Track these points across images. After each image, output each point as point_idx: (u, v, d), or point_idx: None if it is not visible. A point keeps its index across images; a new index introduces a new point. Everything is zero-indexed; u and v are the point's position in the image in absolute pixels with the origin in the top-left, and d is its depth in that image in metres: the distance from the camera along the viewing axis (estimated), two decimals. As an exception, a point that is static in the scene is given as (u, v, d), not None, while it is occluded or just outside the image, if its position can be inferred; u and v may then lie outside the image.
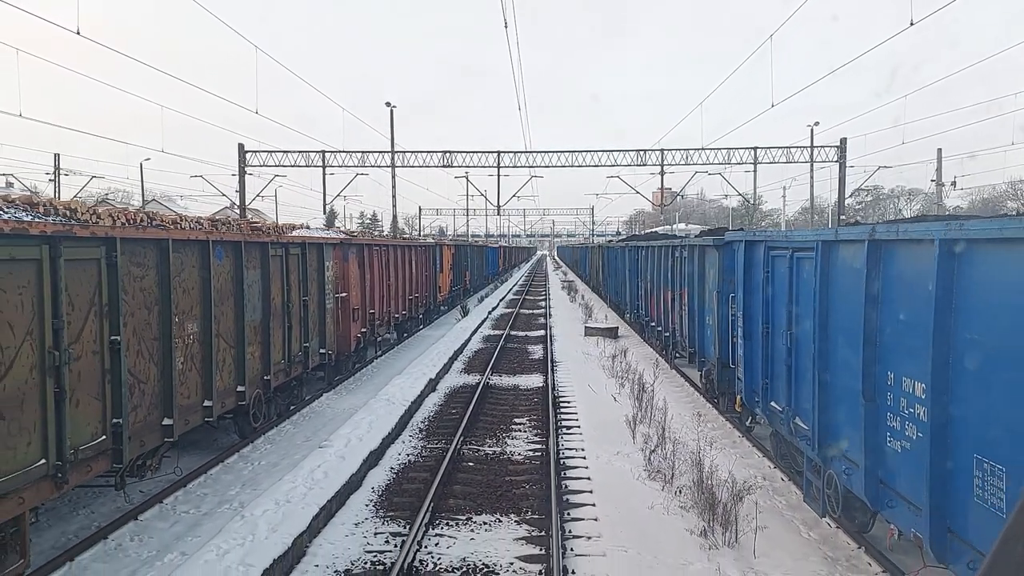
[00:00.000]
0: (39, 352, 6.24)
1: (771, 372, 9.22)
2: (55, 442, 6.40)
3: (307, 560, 7.85)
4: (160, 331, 8.27)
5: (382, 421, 12.90)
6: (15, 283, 5.97)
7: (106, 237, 7.12)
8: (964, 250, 4.96)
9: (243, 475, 10.69)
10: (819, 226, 50.55)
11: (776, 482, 10.36)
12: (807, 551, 8.16)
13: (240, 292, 10.29)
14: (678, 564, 7.74)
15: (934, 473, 5.22)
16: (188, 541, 8.18)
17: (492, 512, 9.34)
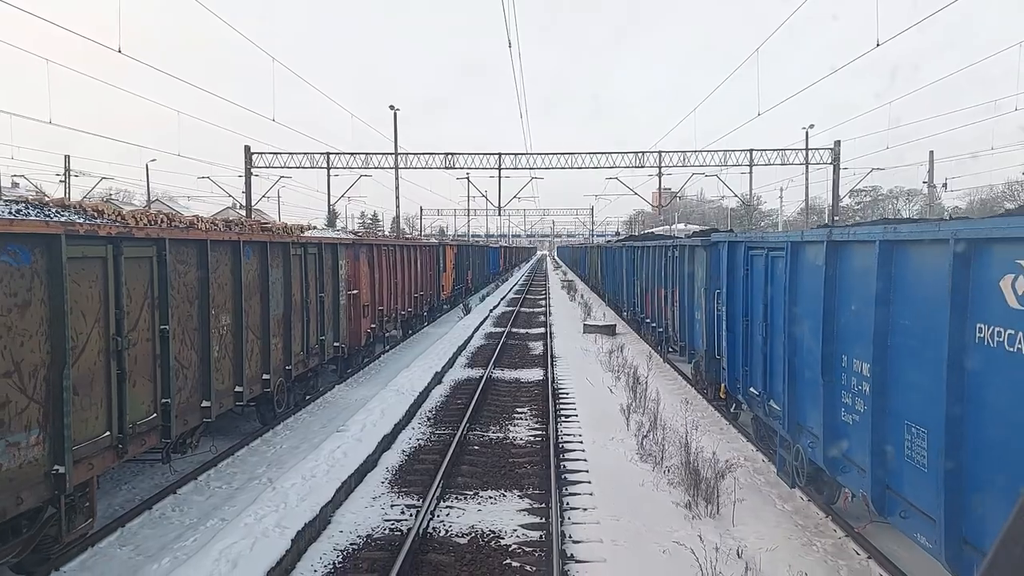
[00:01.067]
0: (105, 338, 7.18)
1: (750, 360, 10.15)
2: (117, 417, 7.34)
3: (332, 527, 8.78)
4: (199, 322, 9.22)
5: (393, 409, 13.82)
6: (87, 277, 6.91)
7: (157, 238, 8.06)
8: (898, 249, 5.90)
9: (267, 456, 11.63)
10: (815, 226, 51.19)
11: (757, 463, 11.29)
12: (780, 520, 9.09)
13: (266, 288, 11.24)
14: (664, 531, 8.65)
15: (875, 439, 6.16)
16: (225, 510, 9.12)
17: (497, 488, 10.27)
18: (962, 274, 4.94)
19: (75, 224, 6.70)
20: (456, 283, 37.19)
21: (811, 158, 45.46)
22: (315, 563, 7.78)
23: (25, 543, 6.52)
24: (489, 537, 8.57)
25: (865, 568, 7.71)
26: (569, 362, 20.38)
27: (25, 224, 6.03)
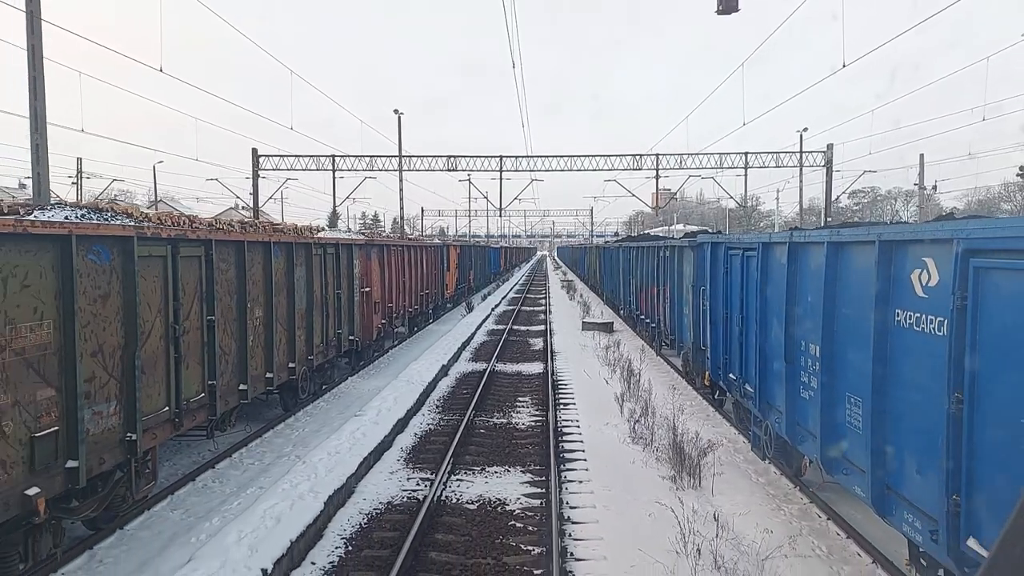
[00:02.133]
0: (165, 325, 8.31)
1: (729, 349, 11.30)
2: (174, 394, 8.48)
3: (356, 496, 9.91)
4: (237, 314, 10.35)
5: (404, 398, 14.95)
6: (151, 273, 8.04)
7: (205, 239, 9.21)
8: (841, 250, 7.04)
9: (292, 438, 12.77)
10: (813, 228, 52.34)
11: (737, 444, 12.42)
12: (754, 490, 10.22)
13: (291, 285, 12.39)
14: (651, 499, 9.76)
15: (824, 410, 7.30)
16: (261, 480, 10.26)
17: (502, 465, 11.41)
18: (885, 269, 6.08)
19: (143, 227, 7.84)
20: (459, 282, 38.34)
21: (805, 160, 46.60)
22: (344, 523, 8.92)
23: (100, 500, 7.66)
24: (495, 504, 9.71)
25: (824, 527, 8.84)
26: (568, 357, 21.49)
27: (108, 227, 7.17)
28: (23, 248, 6.09)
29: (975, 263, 4.82)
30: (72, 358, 6.58)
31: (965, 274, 4.89)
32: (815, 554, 8.12)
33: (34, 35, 12.35)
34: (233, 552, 7.29)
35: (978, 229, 4.85)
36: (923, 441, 5.51)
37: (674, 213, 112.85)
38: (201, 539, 8.03)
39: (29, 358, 6.16)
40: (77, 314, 6.62)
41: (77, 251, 6.65)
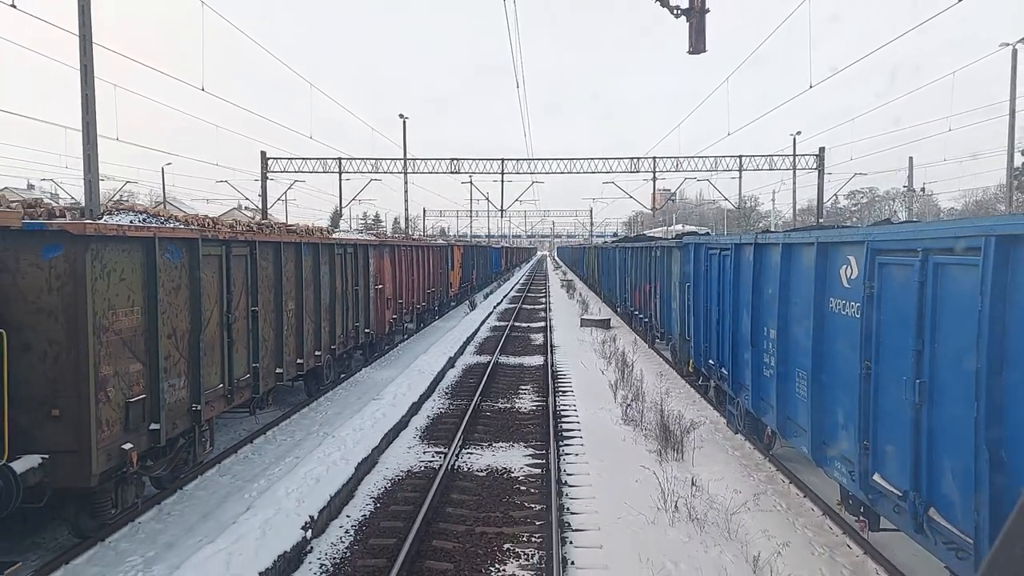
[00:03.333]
0: (220, 314, 9.71)
1: (709, 338, 12.70)
2: (227, 373, 9.88)
3: (380, 465, 11.31)
4: (275, 306, 11.76)
5: (416, 385, 16.35)
6: (210, 270, 9.45)
7: (251, 240, 10.61)
8: (792, 249, 8.45)
9: (317, 419, 14.18)
10: (801, 226, 53.81)
11: (718, 424, 13.80)
12: (730, 461, 11.61)
13: (318, 281, 13.80)
14: (637, 468, 11.15)
15: (779, 384, 8.70)
16: (296, 452, 11.67)
17: (507, 441, 12.81)
18: (822, 266, 7.48)
19: (205, 230, 9.24)
20: (463, 281, 39.75)
21: (798, 163, 48.00)
22: (371, 486, 10.32)
23: (169, 461, 9.06)
24: (502, 471, 11.11)
25: (786, 489, 10.23)
26: (567, 350, 22.89)
27: (180, 231, 8.57)
28: (121, 248, 7.50)
29: (879, 260, 6.22)
30: (155, 339, 7.98)
31: (872, 268, 6.29)
32: (775, 508, 9.52)
33: (86, 55, 13.75)
34: (284, 503, 8.70)
35: (881, 233, 6.25)
36: (846, 403, 6.92)
37: (673, 214, 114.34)
38: (253, 495, 9.45)
39: (124, 338, 7.56)
40: (158, 303, 8.03)
41: (159, 251, 8.05)
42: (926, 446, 5.42)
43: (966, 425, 4.82)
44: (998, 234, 4.54)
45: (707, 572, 7.63)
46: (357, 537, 8.58)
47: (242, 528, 7.95)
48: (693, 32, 7.98)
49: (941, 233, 5.32)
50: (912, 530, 5.61)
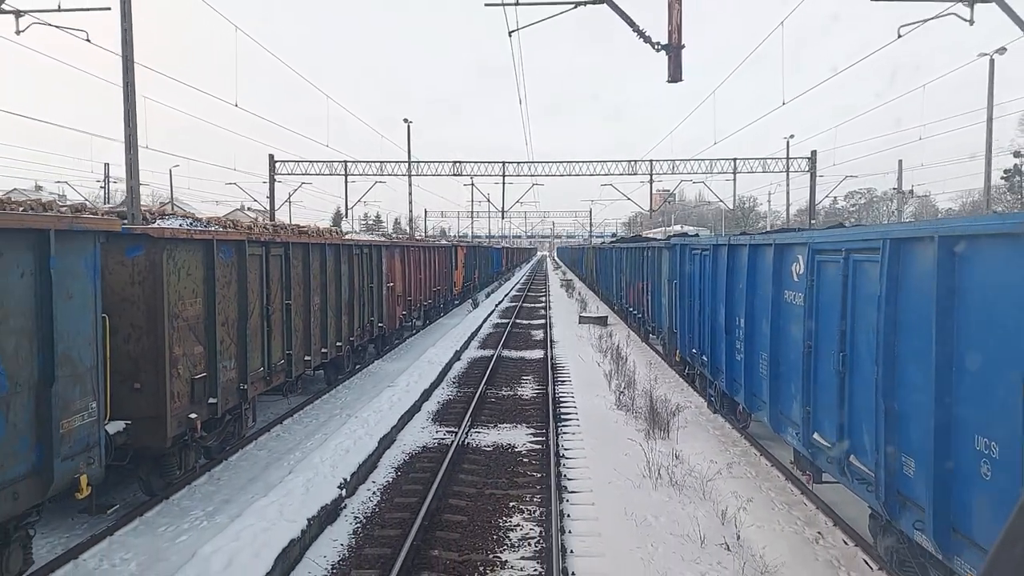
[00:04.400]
0: (261, 306, 11.12)
1: (692, 329, 14.11)
2: (267, 358, 11.29)
3: (398, 442, 12.71)
4: (304, 301, 13.17)
5: (426, 375, 17.75)
6: (253, 268, 10.85)
7: (285, 242, 12.02)
8: (757, 249, 9.86)
9: (338, 404, 15.58)
10: (795, 226, 55.61)
11: (702, 408, 15.20)
12: (709, 438, 13.01)
13: (339, 279, 15.22)
14: (627, 444, 12.55)
15: (746, 366, 10.11)
16: (323, 430, 13.07)
17: (510, 423, 14.22)
18: (778, 262, 8.88)
19: (250, 232, 10.65)
20: (466, 280, 41.17)
21: (791, 166, 49.41)
22: (392, 459, 11.72)
23: (219, 433, 10.46)
24: (506, 447, 12.52)
25: (756, 460, 11.62)
26: (565, 345, 24.30)
27: (231, 234, 9.98)
28: (188, 249, 8.90)
29: (818, 258, 7.62)
30: (213, 326, 9.39)
31: (813, 265, 7.69)
32: (745, 475, 10.92)
33: (128, 74, 15.14)
34: (320, 468, 10.11)
35: (819, 236, 7.66)
36: (794, 377, 8.32)
37: (672, 214, 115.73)
38: (292, 463, 10.85)
39: (190, 324, 8.96)
40: (216, 295, 9.43)
41: (216, 251, 9.46)
42: (847, 406, 6.83)
43: (872, 386, 6.23)
44: (891, 237, 5.94)
45: (682, 524, 9.02)
46: (383, 497, 9.99)
47: (288, 486, 9.36)
48: (671, 64, 9.37)
49: (857, 236, 6.73)
50: (838, 473, 7.01)
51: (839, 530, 8.76)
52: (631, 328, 27.24)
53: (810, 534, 8.81)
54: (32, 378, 6.14)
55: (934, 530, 5.23)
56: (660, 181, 56.12)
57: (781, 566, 7.90)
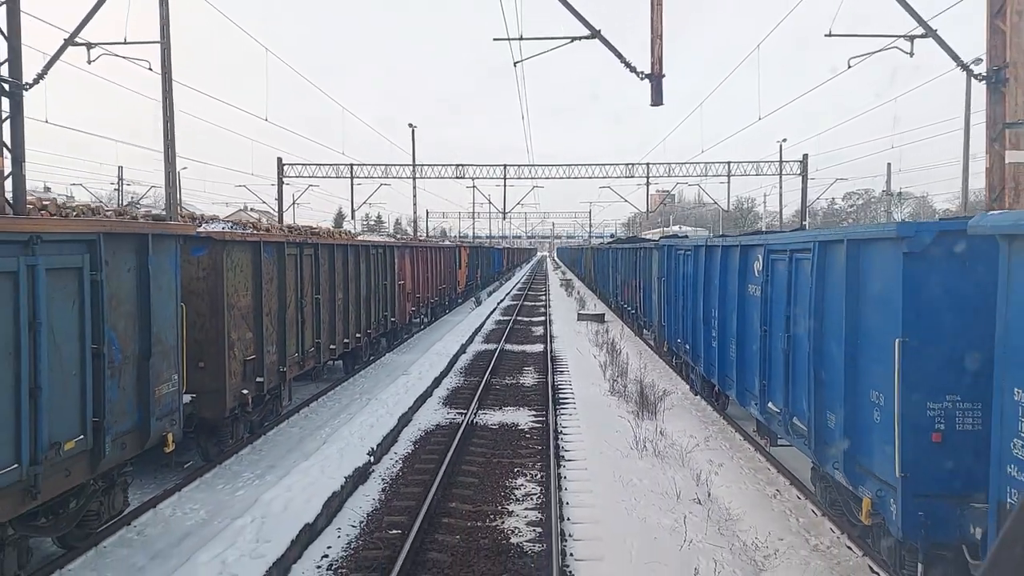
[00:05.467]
0: (295, 299, 12.69)
1: (678, 322, 15.69)
2: (300, 345, 12.86)
3: (414, 422, 14.27)
4: (329, 296, 14.75)
5: (436, 365, 19.32)
6: (291, 265, 12.43)
7: (316, 243, 13.59)
8: (728, 250, 11.44)
9: (357, 390, 17.14)
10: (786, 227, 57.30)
11: (687, 394, 16.76)
12: (691, 419, 14.57)
13: (358, 276, 16.80)
14: (617, 424, 14.10)
15: (719, 350, 11.68)
16: (347, 411, 14.64)
17: (514, 406, 15.78)
18: (744, 261, 10.45)
19: (287, 235, 12.21)
20: (468, 279, 42.77)
21: (781, 169, 50.98)
22: (409, 435, 13.28)
23: (261, 410, 12.03)
24: (511, 425, 14.09)
25: (732, 436, 13.19)
26: (564, 340, 25.86)
27: (273, 235, 11.55)
28: (241, 248, 10.47)
29: (771, 256, 9.19)
30: (259, 315, 10.96)
31: (767, 262, 9.26)
32: (720, 448, 12.49)
33: (167, 93, 16.72)
34: (350, 439, 11.68)
35: (772, 239, 9.23)
36: (755, 358, 9.89)
37: (671, 215, 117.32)
38: (324, 436, 12.43)
39: (243, 313, 10.53)
40: (262, 289, 11.00)
41: (262, 251, 11.03)
42: (791, 378, 8.39)
43: (807, 360, 7.79)
44: (819, 240, 7.50)
45: (662, 484, 10.59)
46: (405, 463, 11.56)
47: (325, 452, 10.94)
48: (653, 91, 10.93)
49: (798, 239, 8.30)
50: (784, 432, 8.58)
51: (794, 488, 10.33)
52: (626, 324, 28.82)
53: (770, 491, 10.39)
54: (135, 352, 7.71)
55: (844, 466, 6.80)
56: (656, 183, 57.72)
57: (742, 514, 9.48)
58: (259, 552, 7.40)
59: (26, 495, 6.11)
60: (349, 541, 8.54)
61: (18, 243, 5.95)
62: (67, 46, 11.55)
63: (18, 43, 11.47)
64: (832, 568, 7.94)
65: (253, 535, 7.87)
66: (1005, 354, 4.58)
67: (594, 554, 8.16)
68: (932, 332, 5.70)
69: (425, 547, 8.31)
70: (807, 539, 8.75)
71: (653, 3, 10.78)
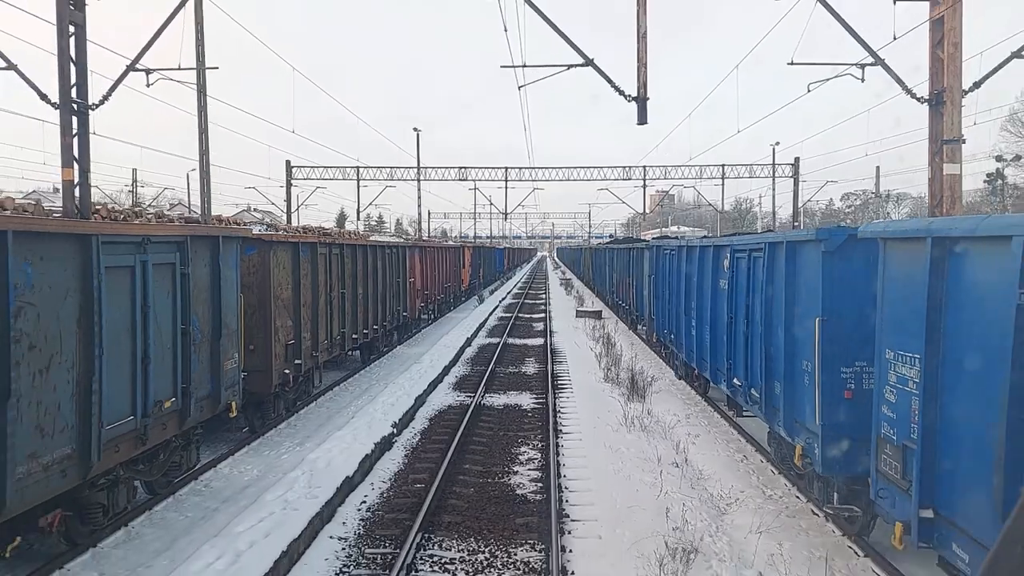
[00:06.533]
0: (326, 293, 14.40)
1: (664, 314, 17.41)
2: (328, 333, 14.58)
3: (427, 403, 15.97)
4: (352, 291, 16.46)
5: (444, 356, 21.03)
6: (322, 263, 14.13)
7: (344, 243, 15.30)
8: (704, 250, 13.15)
9: (375, 376, 18.85)
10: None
11: (673, 380, 18.48)
12: (676, 401, 16.27)
13: (375, 274, 18.52)
14: (609, 405, 15.78)
15: (696, 337, 13.40)
16: (368, 394, 16.34)
17: (517, 391, 17.50)
18: (716, 259, 12.15)
19: (321, 236, 13.92)
20: (472, 277, 44.50)
21: (774, 172, 52.70)
22: (425, 413, 14.99)
23: (296, 390, 13.73)
24: (514, 406, 15.80)
25: (710, 414, 14.89)
26: (563, 335, 27.56)
27: (309, 237, 13.25)
28: (283, 248, 12.18)
29: (736, 255, 10.89)
30: (297, 306, 12.66)
31: (733, 260, 10.96)
32: (699, 424, 14.19)
33: (202, 109, 18.42)
34: (375, 415, 13.39)
35: (736, 241, 10.93)
36: (723, 341, 11.59)
37: (670, 215, 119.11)
38: (351, 413, 14.14)
39: (284, 304, 12.23)
40: (300, 283, 12.71)
41: (300, 251, 12.74)
42: (749, 356, 10.09)
43: (760, 339, 9.49)
44: (768, 242, 9.20)
45: (646, 452, 12.29)
46: (423, 436, 13.26)
47: (354, 424, 12.65)
48: (639, 112, 12.61)
49: (755, 240, 10.00)
50: (745, 402, 10.28)
51: (759, 455, 12.04)
52: (621, 319, 30.54)
53: (738, 457, 12.10)
54: (209, 333, 9.41)
55: (785, 423, 8.51)
56: (653, 185, 59.46)
57: (712, 474, 11.19)
58: (312, 495, 9.12)
59: (138, 441, 7.81)
60: (382, 492, 10.25)
61: (134, 243, 7.65)
62: (128, 72, 13.21)
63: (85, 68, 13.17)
64: (780, 511, 9.65)
65: (305, 484, 9.59)
66: (880, 324, 6.28)
67: (585, 501, 9.87)
68: (843, 312, 7.40)
69: (446, 496, 10.01)
70: (764, 491, 10.47)
71: (638, 36, 12.46)
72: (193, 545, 7.89)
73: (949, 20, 12.49)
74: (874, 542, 8.11)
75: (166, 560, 7.62)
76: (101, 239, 6.89)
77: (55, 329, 6.40)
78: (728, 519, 9.61)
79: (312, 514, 8.44)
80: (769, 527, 9.00)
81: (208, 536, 8.00)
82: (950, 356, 5.24)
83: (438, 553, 8.23)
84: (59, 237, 6.49)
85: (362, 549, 8.22)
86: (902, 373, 5.84)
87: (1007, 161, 59.17)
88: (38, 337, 6.17)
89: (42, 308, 6.21)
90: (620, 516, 9.47)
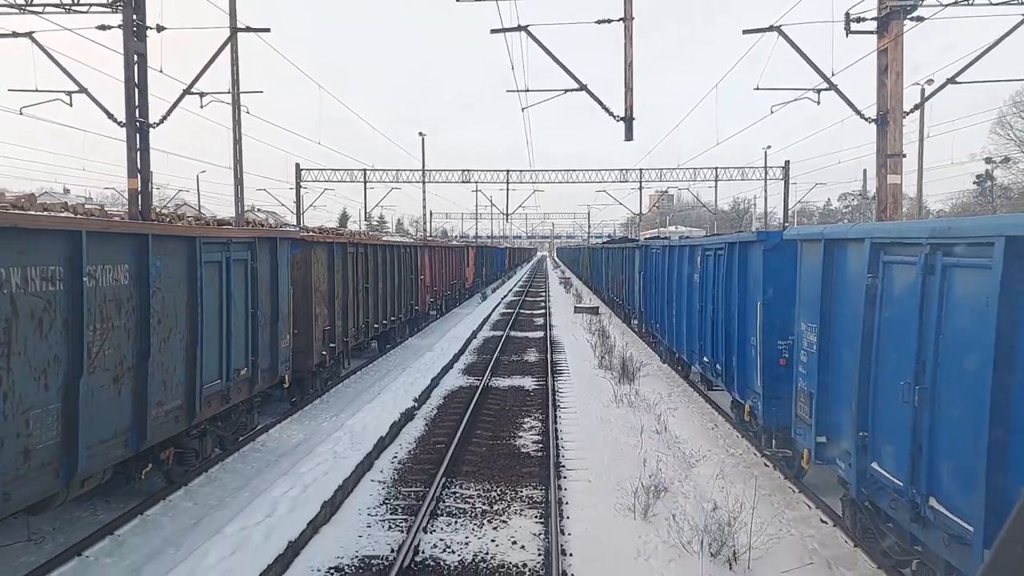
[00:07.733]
0: (353, 287, 16.47)
1: (652, 307, 19.49)
2: (355, 321, 16.64)
3: (440, 385, 18.03)
4: (373, 285, 18.53)
5: (453, 346, 23.09)
6: (349, 261, 16.19)
7: (366, 243, 17.36)
8: (683, 249, 15.22)
9: (392, 363, 20.91)
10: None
11: (661, 366, 20.55)
12: (662, 383, 18.33)
13: (391, 271, 20.60)
14: (603, 386, 17.83)
15: (676, 324, 15.47)
16: (388, 377, 18.41)
17: (520, 375, 19.56)
18: (691, 257, 14.21)
19: (349, 237, 15.97)
20: (475, 276, 46.58)
21: (766, 174, 54.76)
22: (440, 392, 17.05)
23: (328, 371, 15.79)
24: (518, 387, 17.87)
25: (691, 394, 16.95)
26: (562, 329, 29.61)
27: (340, 238, 15.31)
28: (321, 248, 14.24)
29: (704, 253, 12.95)
30: (332, 297, 14.73)
31: (703, 258, 13.02)
32: (680, 400, 16.26)
33: (236, 123, 20.47)
34: (398, 392, 15.46)
35: (705, 241, 12.99)
36: (696, 326, 13.64)
37: (668, 216, 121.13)
38: (376, 391, 16.20)
39: (322, 295, 14.29)
40: (334, 277, 14.77)
41: (334, 249, 14.80)
42: (715, 337, 12.14)
43: (722, 322, 11.54)
44: (728, 241, 11.26)
45: (631, 422, 14.35)
46: (439, 410, 15.33)
47: (382, 399, 14.72)
48: (626, 130, 14.67)
49: (718, 241, 12.07)
50: (713, 377, 12.35)
51: (728, 424, 14.09)
52: (616, 315, 32.62)
53: (710, 426, 14.18)
54: (269, 317, 11.47)
55: (738, 389, 10.57)
56: (649, 187, 61.57)
57: (686, 439, 13.27)
58: (356, 448, 11.19)
59: (223, 400, 9.88)
60: (409, 450, 12.32)
61: (222, 243, 9.72)
62: (184, 95, 15.24)
63: (145, 91, 15.24)
64: (738, 464, 11.73)
65: (348, 442, 11.66)
66: (798, 304, 8.34)
67: (579, 456, 11.93)
68: (778, 297, 9.46)
69: (463, 453, 12.08)
70: (728, 450, 12.55)
71: (625, 65, 14.53)
72: (266, 483, 9.96)
73: (892, 51, 14.53)
74: (809, 484, 10.20)
75: (247, 492, 9.70)
76: (202, 240, 8.96)
77: (173, 308, 8.46)
78: (696, 470, 11.69)
79: (357, 461, 10.51)
80: (728, 475, 11.09)
81: (278, 475, 10.07)
82: (836, 326, 7.30)
83: (459, 491, 10.30)
84: (176, 239, 8.55)
85: (399, 488, 10.30)
86: (810, 340, 7.91)
87: (996, 163, 61.10)
88: (164, 314, 8.24)
89: (165, 292, 8.28)
90: (607, 467, 11.54)
